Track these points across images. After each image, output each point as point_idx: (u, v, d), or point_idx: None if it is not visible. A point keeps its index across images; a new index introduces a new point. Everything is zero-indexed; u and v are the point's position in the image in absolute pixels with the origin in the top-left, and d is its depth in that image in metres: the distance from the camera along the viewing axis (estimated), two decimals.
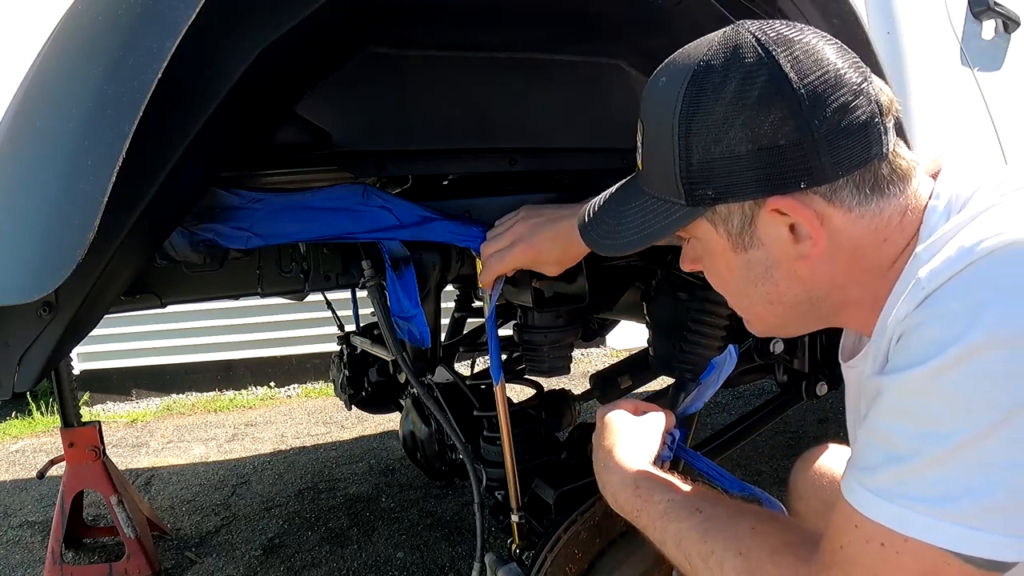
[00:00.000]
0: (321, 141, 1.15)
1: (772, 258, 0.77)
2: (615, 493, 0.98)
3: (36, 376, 0.91)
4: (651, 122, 0.79)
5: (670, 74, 0.77)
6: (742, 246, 0.78)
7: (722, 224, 0.78)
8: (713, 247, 0.81)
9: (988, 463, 0.60)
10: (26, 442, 3.96)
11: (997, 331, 0.59)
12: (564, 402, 1.70)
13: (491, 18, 1.11)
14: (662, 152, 0.77)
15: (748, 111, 0.71)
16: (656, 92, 0.79)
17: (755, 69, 0.71)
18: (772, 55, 0.71)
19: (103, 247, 0.83)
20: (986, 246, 0.62)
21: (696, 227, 0.80)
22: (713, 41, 0.75)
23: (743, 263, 0.79)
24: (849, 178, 0.72)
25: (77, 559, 2.48)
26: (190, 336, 4.48)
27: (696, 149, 0.74)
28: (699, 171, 0.74)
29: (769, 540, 0.79)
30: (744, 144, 0.71)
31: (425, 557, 2.37)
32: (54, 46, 0.81)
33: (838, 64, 0.72)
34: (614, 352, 4.63)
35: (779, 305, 0.81)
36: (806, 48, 0.72)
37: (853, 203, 0.73)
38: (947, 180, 0.76)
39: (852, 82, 0.71)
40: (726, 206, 0.76)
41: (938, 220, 0.73)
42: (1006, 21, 1.47)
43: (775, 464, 2.85)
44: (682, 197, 0.77)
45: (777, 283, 0.79)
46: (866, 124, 0.71)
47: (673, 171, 0.76)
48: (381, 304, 1.33)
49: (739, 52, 0.72)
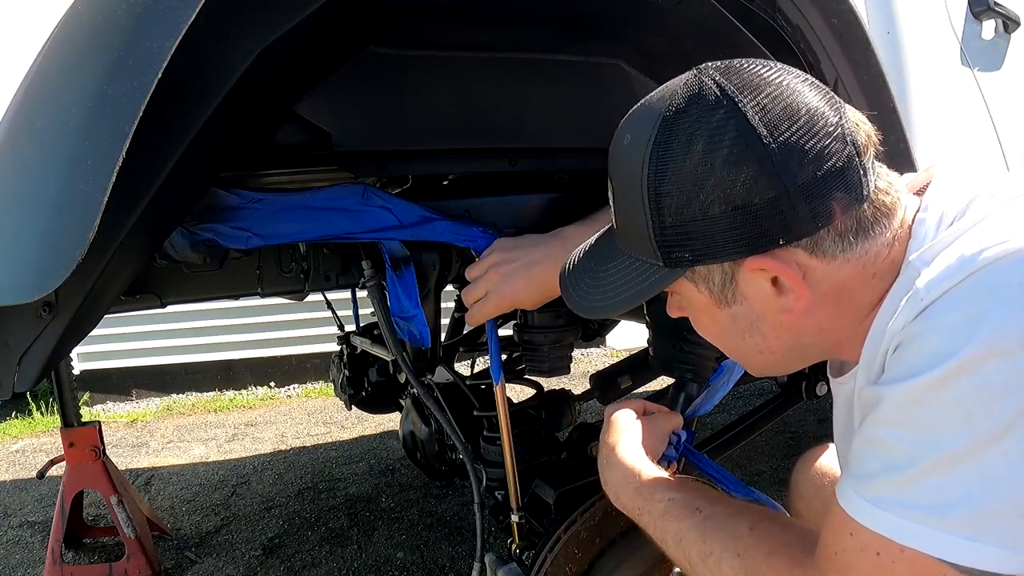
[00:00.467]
0: (321, 141, 1.15)
1: (756, 312, 0.76)
2: (617, 491, 0.98)
3: (36, 376, 0.91)
4: (620, 181, 0.77)
5: (634, 131, 0.75)
6: (725, 302, 0.77)
7: (703, 282, 0.76)
8: (696, 303, 0.80)
9: (987, 473, 0.60)
10: (26, 442, 3.96)
11: (998, 342, 0.59)
12: (564, 402, 1.70)
13: (491, 18, 1.11)
14: (634, 213, 0.75)
15: (718, 172, 0.68)
16: (622, 151, 0.76)
17: (722, 124, 0.68)
18: (738, 106, 0.68)
19: (103, 247, 0.83)
20: (987, 256, 0.62)
21: (677, 286, 0.79)
22: (676, 92, 0.72)
23: (728, 318, 0.78)
24: (830, 227, 0.69)
25: (77, 559, 2.48)
26: (190, 336, 4.48)
27: (668, 212, 0.72)
28: (673, 234, 0.73)
29: (767, 541, 0.79)
30: (717, 205, 0.69)
31: (425, 557, 2.37)
32: (54, 46, 0.81)
33: (810, 106, 0.68)
34: (614, 352, 4.63)
35: (769, 354, 0.80)
36: (774, 92, 0.68)
37: (836, 251, 0.71)
38: (936, 194, 0.74)
39: (826, 125, 0.68)
40: (706, 267, 0.74)
41: (927, 232, 0.71)
42: (1006, 21, 1.47)
43: (775, 464, 2.85)
44: (659, 259, 0.76)
45: (765, 335, 0.78)
46: (843, 170, 0.68)
47: (647, 234, 0.75)
48: (381, 304, 1.33)
49: (704, 104, 0.69)
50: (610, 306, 0.82)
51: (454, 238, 1.26)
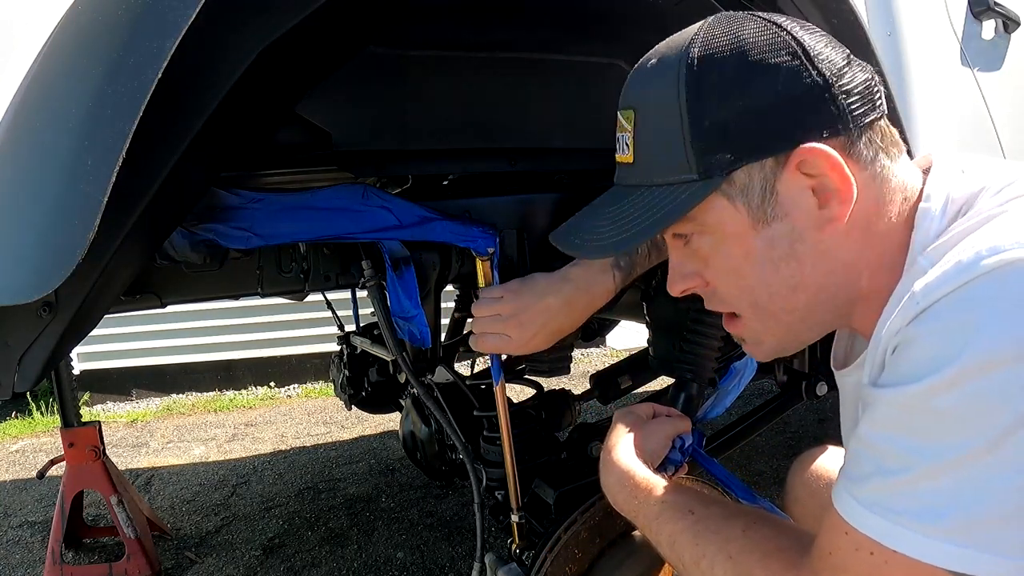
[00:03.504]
0: (321, 141, 1.15)
1: (797, 230, 0.73)
2: (613, 494, 0.98)
3: (36, 376, 0.91)
4: (647, 100, 0.75)
5: (662, 54, 0.76)
6: (764, 219, 0.73)
7: (740, 196, 0.72)
8: (728, 230, 0.74)
9: (979, 482, 0.60)
10: (26, 442, 3.96)
11: (992, 353, 0.58)
12: (564, 402, 1.70)
13: (491, 18, 1.11)
14: (665, 128, 0.73)
15: (759, 65, 0.70)
16: (649, 71, 0.76)
17: (759, 29, 0.72)
18: (771, 19, 0.73)
19: (103, 247, 0.83)
20: (986, 264, 0.61)
21: (708, 208, 0.73)
22: (704, 22, 0.75)
23: (765, 242, 0.74)
24: (862, 131, 0.72)
25: (77, 559, 2.48)
26: (190, 336, 4.48)
27: (708, 111, 0.70)
28: (713, 134, 0.71)
29: (760, 544, 0.78)
30: (759, 98, 0.70)
31: (425, 557, 2.37)
32: (54, 46, 0.81)
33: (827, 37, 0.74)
34: (614, 352, 4.63)
35: (802, 292, 0.76)
36: (798, 22, 0.74)
37: (868, 158, 0.72)
38: (938, 180, 0.74)
39: (851, 53, 0.74)
40: (745, 171, 0.71)
41: (931, 223, 0.71)
42: (1006, 21, 1.47)
43: (775, 464, 2.85)
44: (694, 170, 0.72)
45: (802, 261, 0.74)
46: (867, 81, 0.72)
47: (681, 143, 0.71)
48: (381, 304, 1.33)
49: (737, 20, 0.74)
50: (633, 235, 0.75)
51: (454, 238, 1.26)
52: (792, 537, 0.79)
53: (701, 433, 1.09)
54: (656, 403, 1.12)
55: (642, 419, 1.05)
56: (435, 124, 1.20)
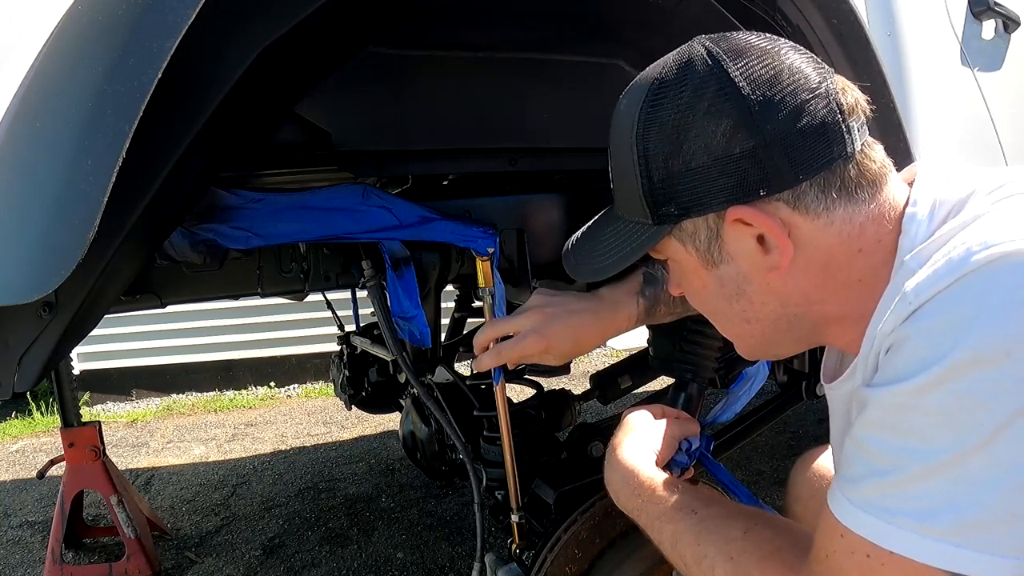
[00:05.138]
0: (321, 141, 1.15)
1: (743, 273, 0.76)
2: (616, 492, 0.98)
3: (36, 376, 0.91)
4: (615, 145, 0.80)
5: (629, 96, 0.79)
6: (712, 262, 0.77)
7: (689, 241, 0.77)
8: (685, 266, 0.81)
9: (972, 481, 0.59)
10: (26, 442, 3.96)
11: (983, 349, 0.58)
12: (564, 402, 1.70)
13: (491, 18, 1.11)
14: (627, 175, 0.78)
15: (700, 122, 0.71)
16: (617, 115, 0.80)
17: (705, 80, 0.71)
18: (721, 65, 0.71)
19: (103, 247, 0.83)
20: (976, 259, 0.61)
21: (666, 247, 0.80)
22: (668, 59, 0.76)
23: (715, 280, 0.79)
24: (812, 182, 0.71)
25: (77, 559, 2.48)
26: (190, 336, 4.48)
27: (655, 166, 0.74)
28: (660, 188, 0.75)
29: (761, 546, 0.78)
30: (700, 156, 0.72)
31: (425, 557, 2.37)
32: (54, 46, 0.81)
33: (794, 67, 0.71)
34: (614, 352, 4.63)
35: (756, 323, 0.80)
36: (760, 55, 0.72)
37: (819, 208, 0.71)
38: (924, 186, 0.74)
39: (808, 84, 0.71)
40: (691, 222, 0.76)
41: (919, 227, 0.71)
42: (1006, 21, 1.47)
43: (775, 464, 2.85)
44: (648, 217, 0.77)
45: (751, 299, 0.78)
46: (824, 124, 0.70)
47: (637, 192, 0.77)
48: (381, 304, 1.33)
49: (691, 66, 0.73)
50: (606, 266, 0.84)
51: (454, 238, 1.26)
52: (792, 539, 0.79)
53: (710, 438, 1.08)
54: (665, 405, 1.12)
55: (651, 419, 1.05)
56: (435, 124, 1.20)
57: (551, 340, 1.13)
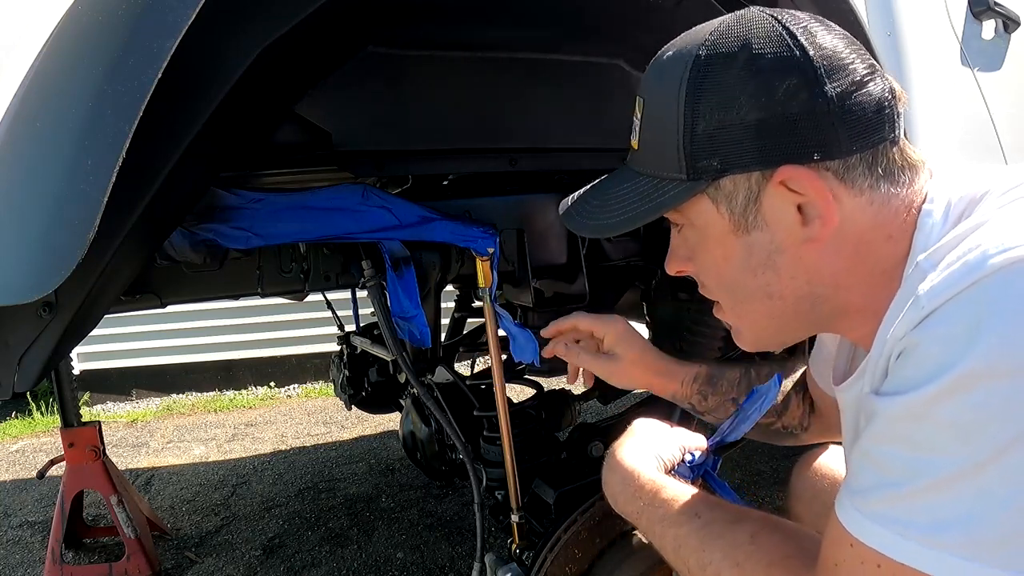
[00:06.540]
0: (321, 141, 1.15)
1: (776, 242, 0.73)
2: (615, 494, 0.97)
3: (36, 376, 0.91)
4: (654, 94, 0.76)
5: (678, 47, 0.75)
6: (744, 227, 0.73)
7: (724, 201, 0.73)
8: (710, 231, 0.76)
9: (983, 495, 0.58)
10: (26, 442, 3.96)
11: (996, 359, 0.56)
12: (564, 402, 1.70)
13: (491, 18, 1.11)
14: (664, 124, 0.73)
15: (760, 77, 0.68)
16: (662, 64, 0.76)
17: (769, 38, 0.69)
18: (786, 26, 0.70)
19: (103, 247, 0.83)
20: (993, 263, 0.58)
21: (694, 207, 0.75)
22: (723, 19, 0.74)
23: (743, 248, 0.74)
24: (862, 156, 0.69)
25: (77, 559, 2.48)
26: (190, 336, 4.48)
27: (703, 117, 0.70)
28: (705, 140, 0.71)
29: (768, 552, 0.77)
30: (755, 111, 0.69)
31: (425, 557, 2.37)
32: (54, 46, 0.81)
33: (854, 46, 0.71)
34: None
35: (779, 299, 0.76)
36: (819, 27, 0.71)
37: (865, 185, 0.70)
38: (939, 184, 0.73)
39: (868, 61, 0.70)
40: (731, 179, 0.71)
41: (934, 227, 0.69)
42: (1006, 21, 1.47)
43: (775, 464, 2.85)
44: (683, 171, 0.72)
45: (779, 271, 0.74)
46: (880, 103, 0.69)
47: (676, 142, 0.72)
48: (381, 304, 1.33)
49: (752, 24, 0.71)
50: (619, 223, 0.78)
51: (454, 238, 1.26)
52: (800, 545, 0.77)
53: (718, 459, 1.05)
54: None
55: (657, 426, 1.04)
56: (435, 124, 1.20)
57: (618, 378, 1.16)
